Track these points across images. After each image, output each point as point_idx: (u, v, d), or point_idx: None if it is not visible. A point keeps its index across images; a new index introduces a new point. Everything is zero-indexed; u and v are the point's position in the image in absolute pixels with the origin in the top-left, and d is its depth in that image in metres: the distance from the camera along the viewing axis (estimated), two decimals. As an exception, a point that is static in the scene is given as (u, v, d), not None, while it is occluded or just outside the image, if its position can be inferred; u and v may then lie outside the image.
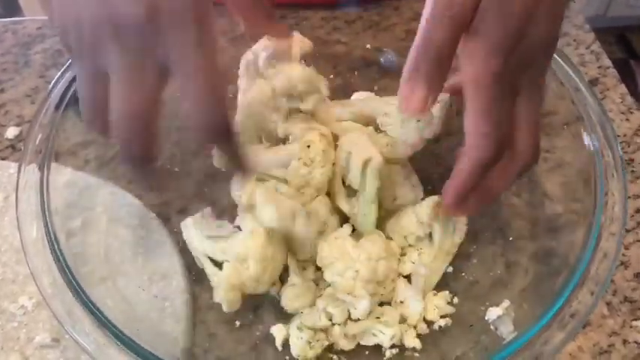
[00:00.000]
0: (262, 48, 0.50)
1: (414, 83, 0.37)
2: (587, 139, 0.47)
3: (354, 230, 0.49)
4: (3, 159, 0.62)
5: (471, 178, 0.39)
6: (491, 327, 0.44)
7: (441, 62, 0.37)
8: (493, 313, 0.44)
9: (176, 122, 0.50)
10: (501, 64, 0.36)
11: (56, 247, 0.42)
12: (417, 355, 0.45)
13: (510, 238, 0.51)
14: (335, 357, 0.46)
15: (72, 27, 0.34)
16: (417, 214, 0.48)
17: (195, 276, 0.50)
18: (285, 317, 0.48)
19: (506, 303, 0.44)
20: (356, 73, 0.65)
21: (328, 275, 0.46)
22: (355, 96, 0.59)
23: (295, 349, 0.44)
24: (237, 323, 0.48)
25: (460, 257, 0.50)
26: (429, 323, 0.47)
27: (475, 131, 0.37)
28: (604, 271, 0.38)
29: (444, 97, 0.49)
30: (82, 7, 0.33)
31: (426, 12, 0.36)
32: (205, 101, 0.34)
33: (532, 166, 0.41)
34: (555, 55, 0.51)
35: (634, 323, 0.50)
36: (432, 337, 0.46)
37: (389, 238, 0.49)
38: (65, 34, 0.36)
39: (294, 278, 0.47)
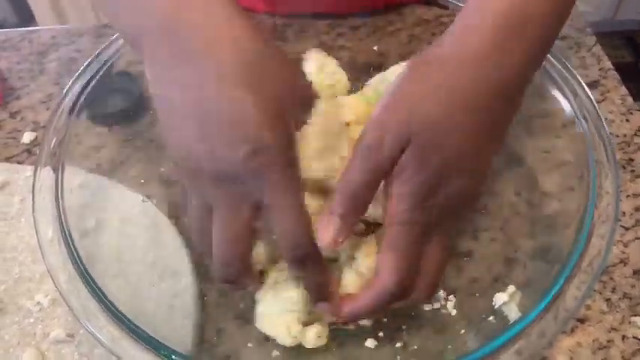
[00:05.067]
0: None
1: (329, 222, 0.40)
2: (583, 140, 0.48)
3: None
4: (19, 163, 0.64)
5: (372, 304, 0.41)
6: (492, 319, 0.46)
7: (356, 206, 0.40)
8: (499, 298, 0.46)
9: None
10: (413, 210, 0.39)
11: (71, 245, 0.44)
12: (415, 347, 0.46)
13: (510, 236, 0.52)
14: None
15: (182, 166, 0.39)
16: None
17: (204, 274, 0.51)
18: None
19: (512, 288, 0.46)
20: (360, 78, 0.66)
21: None
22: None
23: None
24: (245, 319, 0.49)
25: (461, 256, 0.52)
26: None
27: (384, 263, 0.40)
28: (596, 266, 0.40)
29: None
30: (191, 151, 0.38)
31: (350, 159, 0.40)
32: (294, 236, 0.38)
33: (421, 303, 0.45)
34: (553, 59, 0.52)
35: (633, 319, 0.51)
36: (431, 329, 0.48)
37: None
38: (178, 170, 0.41)
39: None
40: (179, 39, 0.38)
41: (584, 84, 0.51)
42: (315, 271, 0.41)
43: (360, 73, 0.66)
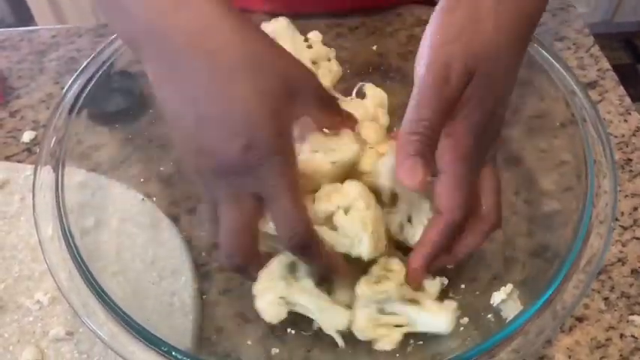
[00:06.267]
0: None
1: (414, 164, 0.39)
2: (581, 140, 0.48)
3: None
4: (19, 162, 0.64)
5: (440, 243, 0.43)
6: (490, 317, 0.46)
7: (433, 141, 0.40)
8: (497, 297, 0.46)
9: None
10: (476, 142, 0.41)
11: (71, 243, 0.44)
12: (414, 345, 0.46)
13: (509, 235, 0.52)
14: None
15: (187, 163, 0.41)
16: None
17: (203, 273, 0.52)
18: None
19: (509, 287, 0.46)
20: (360, 77, 0.66)
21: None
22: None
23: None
24: (243, 318, 0.49)
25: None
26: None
27: (448, 199, 0.41)
28: (594, 265, 0.40)
29: None
30: (191, 149, 0.39)
31: (417, 93, 0.39)
32: (290, 223, 0.40)
33: (495, 229, 0.45)
34: (552, 59, 0.53)
35: (631, 318, 0.51)
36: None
37: None
38: (186, 167, 0.44)
39: None
40: (167, 41, 0.38)
41: (582, 84, 0.51)
42: (317, 254, 0.42)
43: (359, 72, 0.67)
